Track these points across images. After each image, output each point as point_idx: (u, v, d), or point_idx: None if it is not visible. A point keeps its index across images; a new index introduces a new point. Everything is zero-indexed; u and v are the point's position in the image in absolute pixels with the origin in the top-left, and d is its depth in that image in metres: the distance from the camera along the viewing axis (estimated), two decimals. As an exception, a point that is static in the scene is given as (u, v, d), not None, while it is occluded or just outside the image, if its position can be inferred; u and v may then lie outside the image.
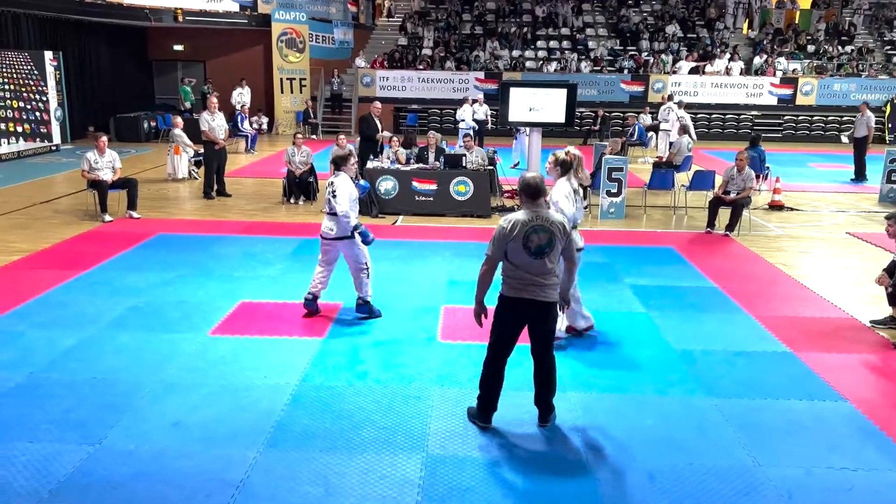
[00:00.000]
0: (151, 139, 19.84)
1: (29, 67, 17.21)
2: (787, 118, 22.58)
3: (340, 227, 6.21)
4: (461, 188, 10.85)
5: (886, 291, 6.55)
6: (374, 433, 4.56)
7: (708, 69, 22.44)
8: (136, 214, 10.37)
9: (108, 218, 10.06)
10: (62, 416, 4.68)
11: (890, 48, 24.38)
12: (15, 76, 17.20)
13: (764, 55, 23.10)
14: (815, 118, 22.49)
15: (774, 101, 22.32)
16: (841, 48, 24.00)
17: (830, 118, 22.42)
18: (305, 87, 22.09)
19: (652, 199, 11.92)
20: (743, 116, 22.54)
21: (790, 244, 9.74)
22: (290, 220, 10.60)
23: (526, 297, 4.39)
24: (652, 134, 18.30)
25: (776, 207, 11.96)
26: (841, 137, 17.18)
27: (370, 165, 11.16)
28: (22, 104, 17.39)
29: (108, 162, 10.27)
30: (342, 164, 6.30)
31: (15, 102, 17.36)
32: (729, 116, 22.55)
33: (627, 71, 22.66)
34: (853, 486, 4.10)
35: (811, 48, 24.08)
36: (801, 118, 22.57)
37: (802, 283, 7.96)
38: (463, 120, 16.06)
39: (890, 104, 21.91)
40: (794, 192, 13.13)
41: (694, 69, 22.45)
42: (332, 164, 6.37)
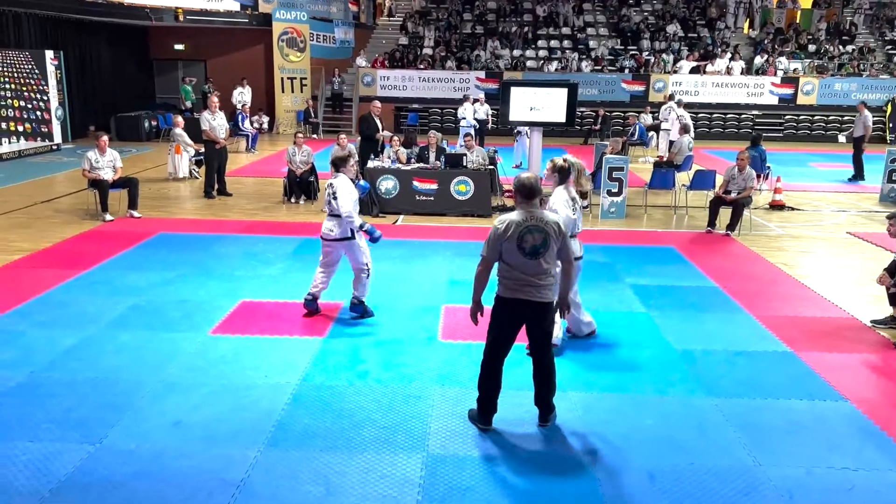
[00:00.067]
0: (152, 138, 19.85)
1: (30, 67, 17.21)
2: (787, 118, 22.58)
3: (342, 228, 6.21)
4: (462, 188, 10.85)
5: (888, 291, 6.55)
6: (374, 432, 4.56)
7: (709, 69, 22.43)
8: (136, 214, 10.38)
9: (108, 217, 10.06)
10: (63, 415, 4.68)
11: (891, 48, 24.37)
12: (16, 75, 17.21)
13: (765, 55, 23.09)
14: (815, 118, 22.49)
15: (775, 100, 22.32)
16: (842, 48, 23.99)
17: (831, 118, 22.42)
18: (306, 86, 22.11)
19: (653, 198, 11.91)
20: (744, 116, 22.53)
21: (791, 244, 9.74)
22: (290, 219, 10.61)
23: (522, 297, 4.38)
24: (653, 133, 18.30)
25: (777, 207, 11.95)
26: (838, 137, 17.15)
27: (371, 165, 11.16)
28: (23, 103, 17.40)
29: (108, 161, 10.28)
30: (341, 165, 6.30)
31: (16, 102, 17.38)
32: (730, 116, 22.55)
33: (628, 70, 22.65)
34: (854, 485, 4.10)
35: (812, 48, 24.07)
36: (801, 118, 22.56)
37: (803, 282, 7.95)
38: (464, 118, 16.04)
39: (891, 104, 21.90)
40: (794, 191, 13.12)
41: (695, 69, 22.44)
42: (331, 165, 6.38)
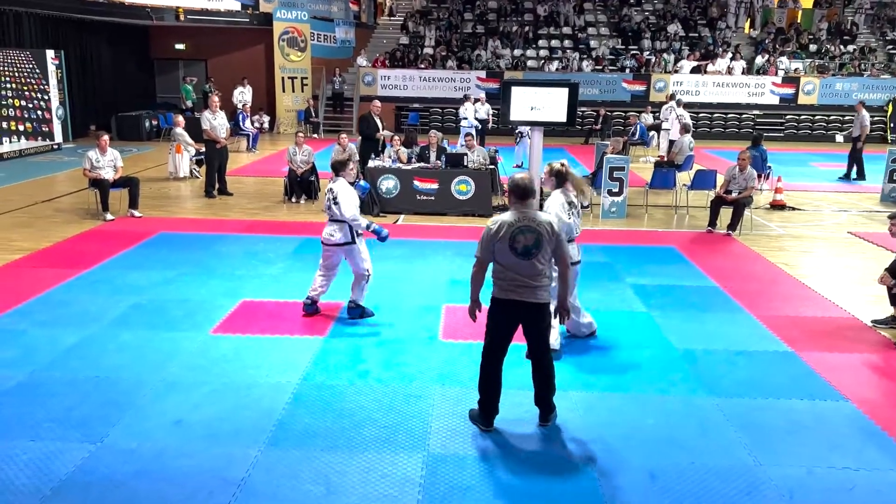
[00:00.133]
0: (153, 138, 19.85)
1: (31, 66, 17.21)
2: (788, 118, 22.56)
3: (343, 232, 6.21)
4: (462, 187, 10.85)
5: (890, 291, 6.54)
6: (375, 432, 4.56)
7: (710, 68, 22.42)
8: (137, 213, 10.38)
9: (109, 217, 10.07)
10: (64, 414, 4.69)
11: (892, 47, 24.35)
12: (17, 75, 17.22)
13: (766, 54, 23.08)
14: (816, 118, 22.47)
15: (776, 100, 22.31)
16: (843, 47, 23.97)
17: (832, 118, 22.40)
18: (307, 85, 22.11)
19: (653, 198, 11.91)
20: (745, 116, 22.52)
21: (792, 244, 9.73)
22: (291, 219, 10.61)
23: (516, 298, 4.37)
24: (654, 133, 18.29)
25: (778, 207, 11.95)
26: (836, 137, 17.13)
27: (372, 164, 11.15)
28: (24, 103, 17.41)
29: (109, 161, 10.28)
30: (341, 169, 6.30)
31: (17, 101, 17.38)
32: (731, 116, 22.53)
33: (629, 70, 22.64)
34: (854, 485, 4.10)
35: (813, 47, 24.06)
36: (802, 118, 22.55)
37: (804, 282, 7.95)
38: (465, 118, 16.03)
39: (892, 104, 21.89)
40: (795, 191, 13.11)
41: (696, 68, 22.43)
42: (331, 168, 6.39)
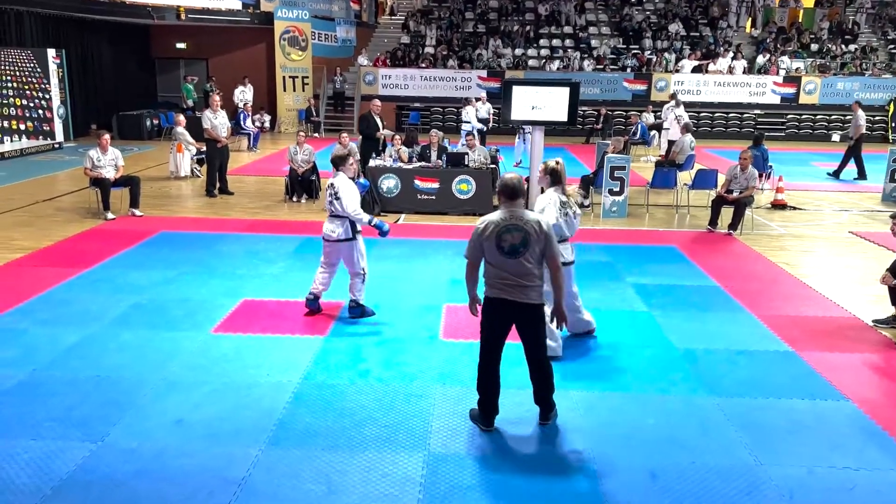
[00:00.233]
0: (154, 137, 19.86)
1: (32, 65, 17.22)
2: (790, 117, 22.54)
3: (344, 228, 6.21)
4: (463, 187, 10.85)
5: (892, 291, 6.53)
6: (375, 431, 4.56)
7: (711, 68, 22.40)
8: (138, 212, 10.39)
9: (110, 216, 10.07)
10: (64, 413, 4.69)
11: (893, 47, 24.31)
12: (18, 74, 17.23)
13: (767, 54, 23.05)
14: (818, 117, 22.45)
15: (777, 99, 22.28)
16: (844, 47, 23.95)
17: (833, 117, 22.37)
18: (308, 85, 22.10)
19: (654, 197, 11.90)
20: (746, 115, 22.49)
21: (793, 243, 9.73)
22: (292, 218, 10.61)
23: (506, 298, 4.36)
24: (655, 133, 18.28)
25: (779, 206, 11.94)
26: (832, 136, 17.10)
27: (372, 164, 11.15)
28: (25, 102, 17.42)
29: (110, 160, 10.29)
30: (341, 164, 6.30)
31: (18, 100, 17.39)
32: (732, 115, 22.51)
33: (630, 70, 22.62)
34: (855, 485, 4.10)
35: (814, 47, 24.02)
36: (804, 117, 22.52)
37: (805, 282, 7.94)
38: (468, 122, 16.02)
39: (893, 103, 21.86)
40: (796, 191, 13.11)
41: (697, 68, 22.40)
42: (331, 163, 6.39)
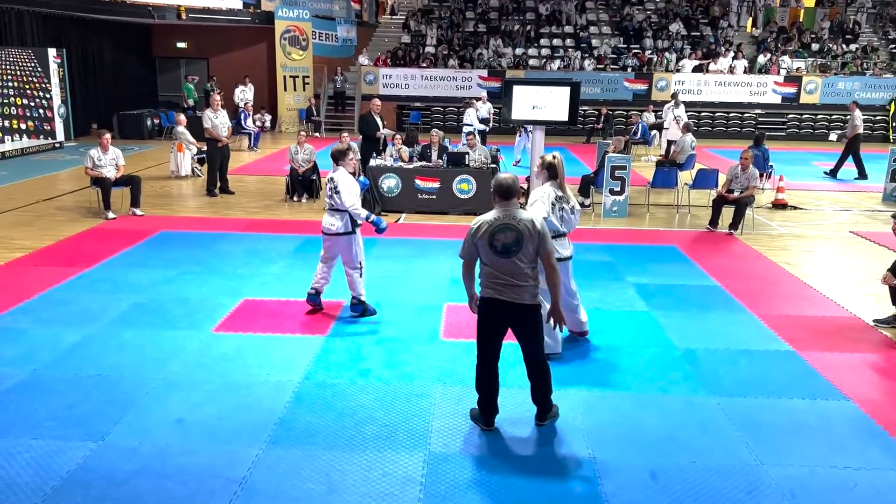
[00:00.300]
0: (155, 136, 19.86)
1: (32, 64, 17.23)
2: (790, 117, 22.53)
3: (343, 222, 6.22)
4: (464, 186, 10.85)
5: (893, 291, 6.52)
6: (376, 431, 4.56)
7: (712, 67, 22.39)
8: (139, 212, 10.39)
9: (111, 215, 10.08)
10: (65, 412, 4.69)
11: (894, 47, 24.30)
12: (19, 73, 17.24)
13: (768, 53, 23.05)
14: (818, 117, 22.44)
15: (778, 99, 22.27)
16: (845, 46, 23.93)
17: (834, 117, 22.36)
18: (308, 84, 22.10)
19: (655, 197, 11.90)
20: (747, 115, 22.48)
21: (793, 243, 9.72)
22: (292, 217, 10.62)
23: (501, 298, 4.34)
24: (655, 132, 18.28)
25: (779, 206, 11.94)
26: (830, 136, 17.09)
27: (373, 163, 11.15)
28: (26, 101, 17.43)
29: (111, 159, 10.29)
30: (341, 158, 6.30)
31: (19, 100, 17.40)
32: (732, 115, 22.50)
33: (631, 69, 22.61)
34: (856, 485, 4.10)
35: (815, 46, 24.01)
36: (804, 117, 22.51)
37: (806, 281, 7.94)
38: (469, 124, 16.03)
39: (894, 103, 21.85)
40: (797, 190, 13.10)
41: (698, 67, 22.40)
42: (331, 158, 6.40)
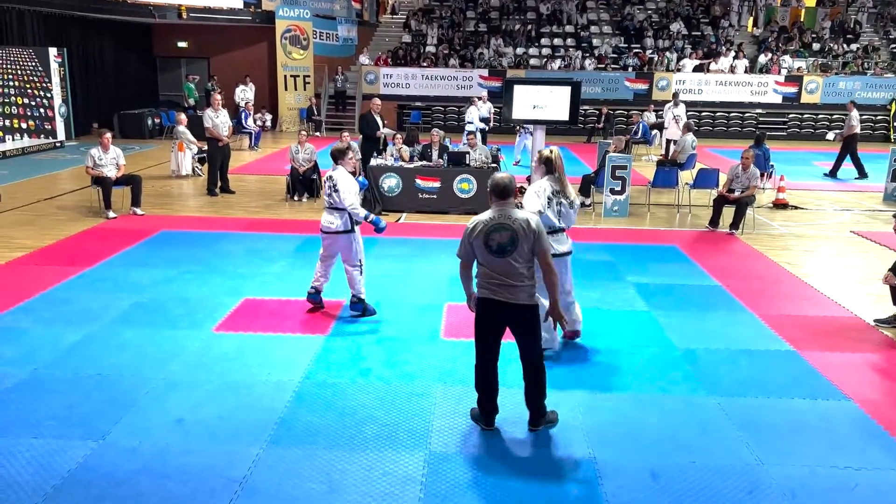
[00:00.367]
0: (155, 136, 19.86)
1: (33, 64, 17.23)
2: (791, 116, 22.51)
3: (342, 220, 6.22)
4: (464, 186, 10.85)
5: (894, 291, 6.52)
6: (376, 430, 4.56)
7: (712, 67, 22.37)
8: (139, 211, 10.39)
9: (111, 214, 10.08)
10: (66, 412, 4.69)
11: (895, 46, 24.28)
12: (19, 73, 17.24)
13: (769, 53, 23.03)
14: (819, 117, 22.42)
15: (779, 99, 22.25)
16: (846, 46, 23.91)
17: (835, 116, 22.33)
18: (309, 84, 22.10)
19: (656, 197, 11.90)
20: (747, 114, 22.47)
21: (794, 243, 9.72)
22: (293, 217, 10.62)
23: (496, 298, 4.33)
24: (656, 132, 18.26)
25: (780, 206, 11.93)
26: (827, 135, 17.06)
27: (374, 163, 11.15)
28: (26, 101, 17.43)
29: (111, 159, 10.29)
30: (340, 157, 6.31)
31: (19, 99, 17.40)
32: (733, 114, 22.48)
33: (632, 69, 22.60)
34: (857, 485, 4.10)
35: (816, 46, 23.99)
36: (805, 116, 22.50)
37: (806, 281, 7.94)
38: (471, 122, 16.05)
39: (894, 102, 21.83)
40: (798, 190, 13.10)
41: (698, 67, 22.38)
42: (331, 157, 6.40)
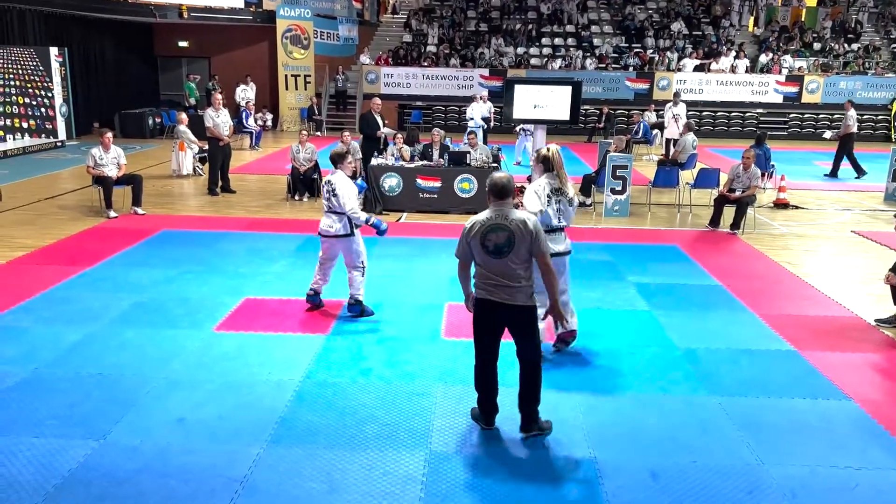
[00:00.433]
0: (156, 135, 19.87)
1: (34, 63, 17.24)
2: (792, 116, 22.50)
3: (342, 224, 6.22)
4: (465, 185, 10.85)
5: (895, 290, 6.52)
6: (377, 430, 4.57)
7: (713, 67, 22.36)
8: (140, 211, 10.40)
9: (112, 214, 10.08)
10: (67, 411, 4.70)
11: (896, 46, 24.31)
12: (20, 72, 17.23)
13: (769, 53, 23.02)
14: (820, 116, 22.41)
15: (780, 98, 22.24)
16: (847, 46, 23.90)
17: (836, 116, 22.30)
18: (310, 83, 22.11)
19: (656, 196, 11.90)
20: (748, 114, 22.46)
21: (795, 242, 9.72)
22: (294, 216, 10.62)
23: (493, 299, 4.32)
24: (657, 131, 18.26)
25: (781, 205, 11.93)
26: (824, 134, 17.06)
27: (374, 162, 11.15)
28: (27, 100, 17.42)
29: (112, 158, 10.30)
30: (339, 161, 6.32)
31: (20, 98, 17.40)
32: (734, 114, 22.47)
33: (632, 68, 22.59)
34: (857, 484, 4.10)
35: (817, 46, 23.98)
36: (806, 116, 22.48)
37: (807, 281, 7.93)
38: (472, 119, 16.05)
39: (895, 102, 21.82)
40: (798, 190, 13.09)
41: (699, 67, 22.37)
42: (330, 160, 6.41)
